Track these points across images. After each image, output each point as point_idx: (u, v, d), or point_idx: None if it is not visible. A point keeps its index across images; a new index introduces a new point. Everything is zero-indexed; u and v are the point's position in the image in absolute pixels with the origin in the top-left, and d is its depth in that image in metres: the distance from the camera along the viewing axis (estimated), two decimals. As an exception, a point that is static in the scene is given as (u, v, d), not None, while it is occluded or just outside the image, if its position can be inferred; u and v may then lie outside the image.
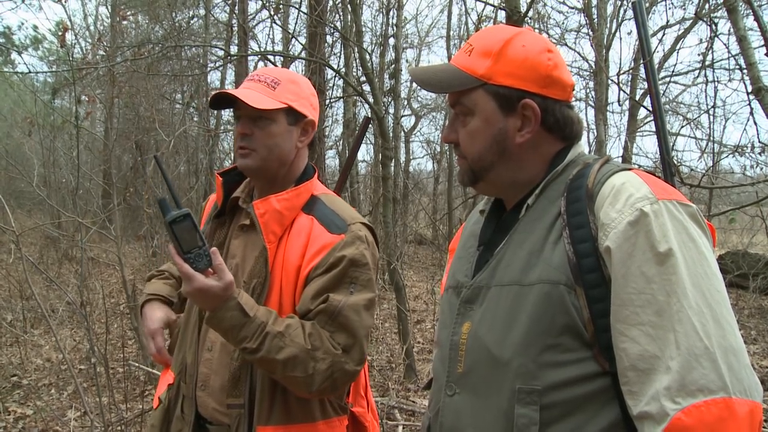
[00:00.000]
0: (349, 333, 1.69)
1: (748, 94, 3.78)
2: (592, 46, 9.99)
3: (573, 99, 1.38)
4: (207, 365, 1.80)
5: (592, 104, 10.22)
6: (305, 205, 1.83)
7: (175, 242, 1.56)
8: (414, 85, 15.61)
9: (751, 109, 4.41)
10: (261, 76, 1.83)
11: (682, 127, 11.30)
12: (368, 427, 1.94)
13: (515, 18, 4.19)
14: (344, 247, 1.73)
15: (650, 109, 1.65)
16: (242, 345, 1.62)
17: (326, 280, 1.70)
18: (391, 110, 11.05)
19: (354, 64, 8.78)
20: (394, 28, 11.51)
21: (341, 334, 1.69)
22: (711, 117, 7.23)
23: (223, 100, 1.81)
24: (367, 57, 6.90)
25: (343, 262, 1.71)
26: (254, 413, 1.71)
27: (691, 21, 9.81)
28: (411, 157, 17.66)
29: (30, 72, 8.33)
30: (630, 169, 1.24)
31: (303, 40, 8.55)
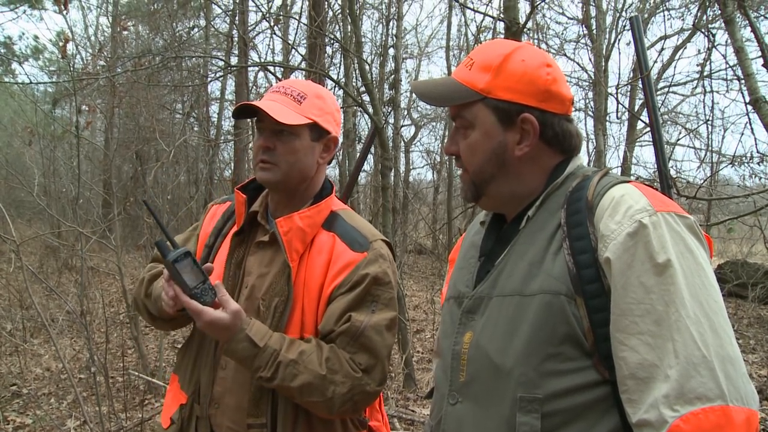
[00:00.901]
0: (371, 354, 1.68)
1: (746, 104, 3.80)
2: (590, 58, 10.04)
3: (572, 110, 1.40)
4: (221, 384, 1.77)
5: (591, 114, 10.26)
6: (325, 221, 1.81)
7: (180, 280, 1.58)
8: (414, 95, 15.67)
9: (749, 119, 4.44)
10: (287, 88, 1.80)
11: (681, 137, 11.32)
12: None
13: (514, 29, 4.22)
14: (367, 264, 1.72)
15: (648, 122, 1.67)
16: (257, 374, 1.63)
17: (350, 299, 1.69)
18: (391, 120, 11.06)
19: (354, 75, 8.80)
20: (394, 39, 11.55)
21: (363, 355, 1.68)
22: (709, 127, 7.26)
23: (245, 110, 1.78)
24: (367, 67, 6.93)
25: (367, 280, 1.70)
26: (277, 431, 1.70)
27: (689, 32, 9.86)
28: (411, 167, 17.68)
29: (31, 82, 8.38)
30: (629, 182, 1.27)
31: (303, 50, 8.58)
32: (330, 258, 1.74)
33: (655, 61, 10.83)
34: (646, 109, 1.66)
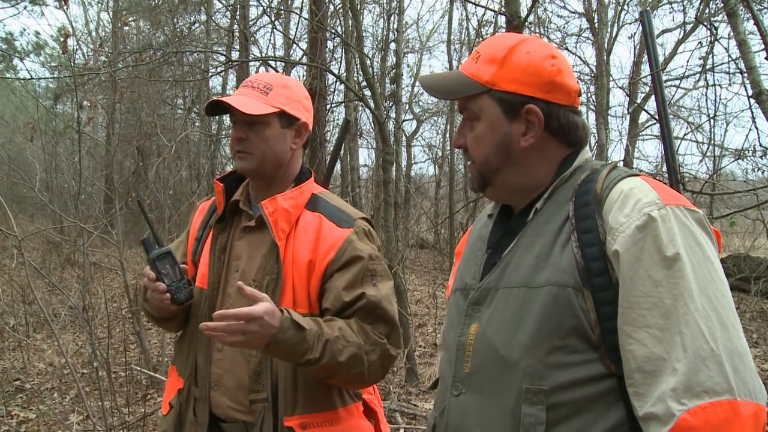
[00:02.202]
0: (387, 322, 1.83)
1: (749, 97, 3.79)
2: (594, 48, 10.01)
3: (579, 102, 1.39)
4: (218, 365, 1.86)
5: (593, 108, 10.24)
6: (308, 202, 1.91)
7: (159, 277, 1.77)
8: (415, 89, 15.68)
9: (752, 113, 4.42)
10: (254, 82, 1.91)
11: (686, 134, 11.27)
12: (377, 411, 2.02)
13: (515, 23, 4.20)
14: (358, 241, 1.83)
15: (656, 117, 1.66)
16: (306, 357, 1.67)
17: (351, 276, 1.79)
18: (393, 115, 11.05)
19: (355, 69, 8.78)
20: (395, 33, 11.52)
21: (381, 325, 1.82)
22: (712, 121, 7.22)
23: (219, 107, 1.88)
24: (368, 62, 6.92)
25: (363, 258, 1.82)
26: (279, 405, 1.77)
27: (691, 25, 9.82)
28: (412, 162, 17.70)
29: (32, 78, 8.38)
30: (638, 175, 1.26)
31: (304, 45, 8.55)
32: (318, 236, 1.84)
33: (661, 55, 10.78)
34: (655, 105, 1.64)
